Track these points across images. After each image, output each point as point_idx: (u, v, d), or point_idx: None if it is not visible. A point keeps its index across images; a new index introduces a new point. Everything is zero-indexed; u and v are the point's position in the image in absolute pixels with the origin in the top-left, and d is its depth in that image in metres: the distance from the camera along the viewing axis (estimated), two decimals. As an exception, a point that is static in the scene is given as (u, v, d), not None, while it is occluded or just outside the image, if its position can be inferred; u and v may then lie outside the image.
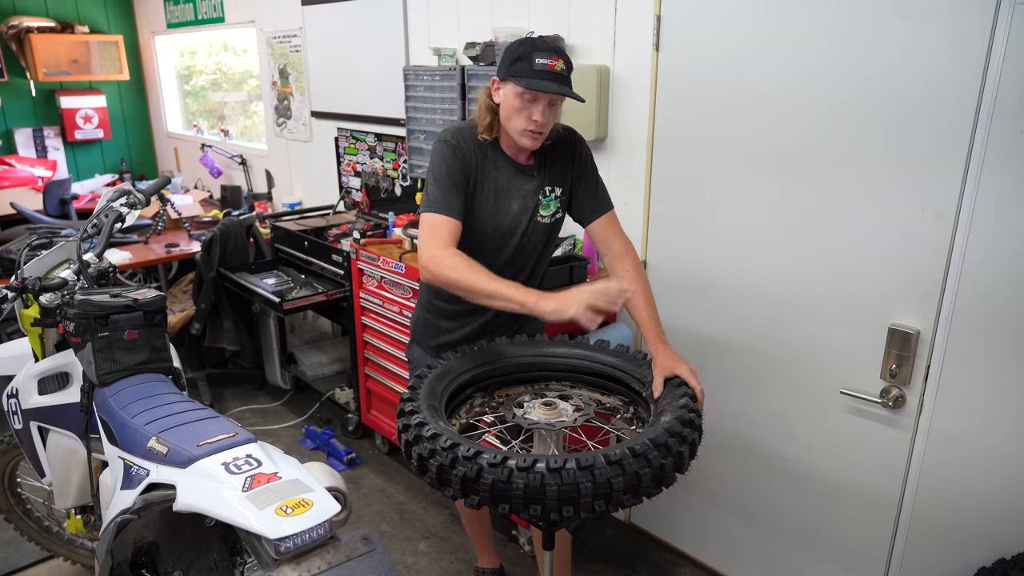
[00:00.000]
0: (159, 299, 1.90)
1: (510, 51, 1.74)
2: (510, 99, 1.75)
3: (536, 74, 1.67)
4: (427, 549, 2.74)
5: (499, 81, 1.77)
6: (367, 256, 3.01)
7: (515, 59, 1.71)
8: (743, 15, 2.08)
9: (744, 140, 2.16)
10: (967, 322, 1.81)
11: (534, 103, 1.72)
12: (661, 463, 1.32)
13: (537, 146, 1.82)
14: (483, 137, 1.86)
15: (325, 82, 3.91)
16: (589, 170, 1.95)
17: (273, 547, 1.26)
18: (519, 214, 1.90)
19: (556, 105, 1.77)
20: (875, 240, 1.93)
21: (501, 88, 1.77)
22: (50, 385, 1.99)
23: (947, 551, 1.96)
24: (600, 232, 1.92)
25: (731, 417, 2.39)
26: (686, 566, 2.66)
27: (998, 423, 1.81)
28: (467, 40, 2.95)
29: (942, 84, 1.74)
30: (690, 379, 1.57)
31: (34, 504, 2.52)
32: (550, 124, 1.78)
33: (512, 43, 1.76)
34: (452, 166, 1.81)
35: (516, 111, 1.74)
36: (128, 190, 2.19)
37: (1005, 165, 1.68)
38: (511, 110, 1.75)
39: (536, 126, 1.74)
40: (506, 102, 1.76)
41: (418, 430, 1.41)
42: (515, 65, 1.71)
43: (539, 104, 1.72)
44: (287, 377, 3.93)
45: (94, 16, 5.39)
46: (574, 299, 1.53)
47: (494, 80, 1.80)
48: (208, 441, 1.50)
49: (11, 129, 5.20)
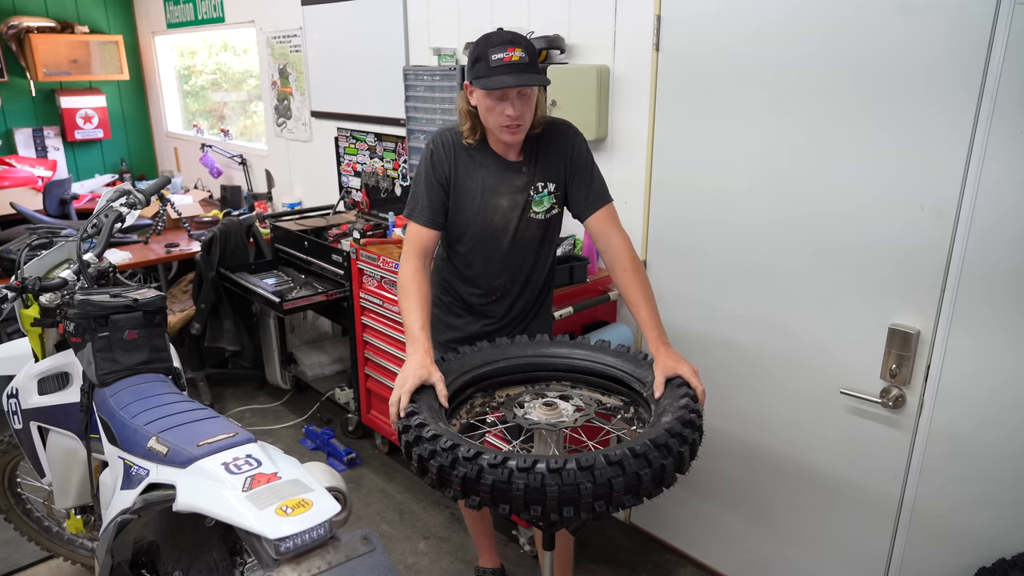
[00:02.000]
0: (159, 299, 1.90)
1: (471, 53, 1.76)
2: (481, 100, 1.77)
3: (493, 71, 1.68)
4: (427, 549, 2.74)
5: (470, 85, 1.79)
6: (367, 256, 3.01)
7: (474, 61, 1.73)
8: (743, 14, 2.08)
9: (744, 140, 2.16)
10: (967, 322, 1.81)
11: (503, 100, 1.73)
12: (662, 463, 1.32)
13: (519, 138, 1.82)
14: (468, 141, 1.87)
15: (325, 82, 3.91)
16: (583, 163, 1.92)
17: (273, 547, 1.26)
18: (509, 211, 1.90)
19: (528, 95, 1.76)
20: (875, 240, 1.93)
21: (473, 91, 1.79)
22: (50, 385, 1.99)
23: (947, 551, 1.96)
24: (597, 227, 1.89)
25: (731, 417, 2.39)
26: (686, 566, 2.66)
27: (998, 423, 1.81)
28: (467, 40, 2.95)
29: (942, 81, 1.74)
30: (692, 379, 1.57)
31: (34, 504, 2.52)
32: (526, 115, 1.78)
33: (472, 44, 1.77)
34: (428, 172, 1.89)
35: (489, 110, 1.76)
36: (128, 190, 2.19)
37: (1005, 164, 1.68)
38: (484, 110, 1.78)
39: (510, 120, 1.75)
40: (479, 104, 1.78)
41: (418, 431, 1.41)
42: (475, 67, 1.73)
43: (507, 99, 1.73)
44: (287, 377, 3.93)
45: (94, 16, 5.39)
46: (406, 375, 1.57)
47: (466, 84, 1.81)
48: (208, 441, 1.50)
49: (11, 129, 5.20)
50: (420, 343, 1.67)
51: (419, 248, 1.87)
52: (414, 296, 1.77)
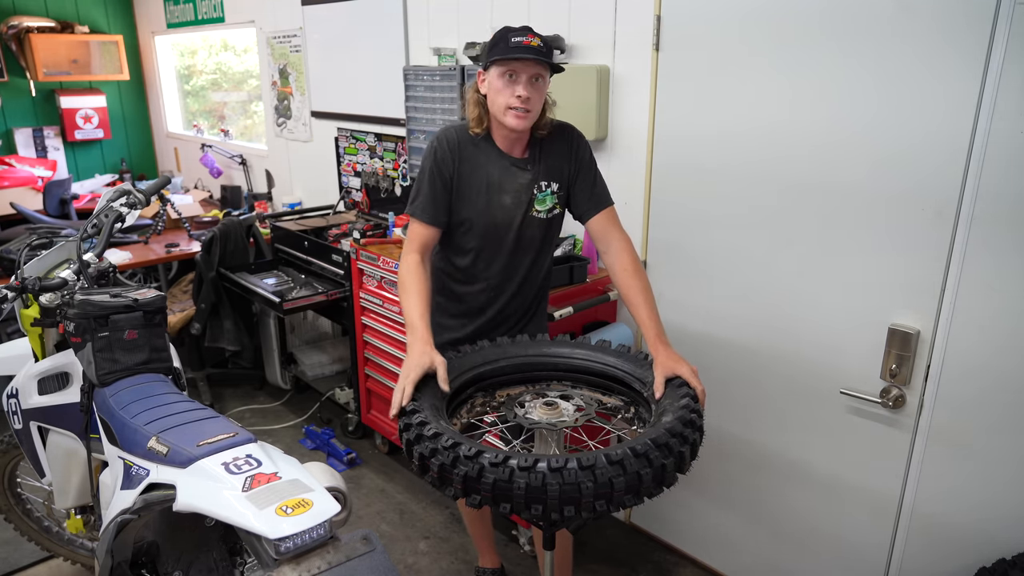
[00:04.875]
0: (159, 299, 1.90)
1: (490, 40, 1.81)
2: (494, 81, 1.79)
3: (513, 50, 1.73)
4: (427, 549, 2.74)
5: (483, 72, 1.83)
6: (367, 256, 3.01)
7: (493, 44, 1.78)
8: (743, 14, 2.08)
9: (744, 140, 2.16)
10: (967, 322, 1.81)
11: (515, 81, 1.76)
12: (662, 463, 1.32)
13: (525, 125, 1.82)
14: (475, 132, 1.88)
15: (325, 82, 3.91)
16: (587, 165, 1.94)
17: (273, 547, 1.26)
18: (512, 208, 1.91)
19: (539, 83, 1.79)
20: (875, 240, 1.93)
21: (485, 78, 1.82)
22: (50, 385, 1.99)
23: (947, 551, 1.96)
24: (599, 229, 1.92)
25: (731, 417, 2.39)
26: (686, 566, 2.66)
27: (998, 423, 1.81)
28: (467, 40, 2.95)
29: (943, 80, 1.74)
30: (691, 379, 1.57)
31: (34, 504, 2.52)
32: (536, 103, 1.80)
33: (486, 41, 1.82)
34: (432, 170, 1.90)
35: (499, 91, 1.79)
36: (128, 190, 2.19)
37: (1006, 164, 1.68)
38: (495, 92, 1.80)
39: (520, 102, 1.77)
40: (491, 87, 1.81)
41: (419, 429, 1.41)
42: (494, 49, 1.77)
43: (520, 80, 1.76)
44: (287, 377, 3.93)
45: (94, 16, 5.39)
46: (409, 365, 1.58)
47: (479, 72, 1.85)
48: (208, 441, 1.50)
49: (11, 129, 5.20)
50: (419, 332, 1.68)
51: (419, 244, 1.90)
52: (414, 287, 1.79)
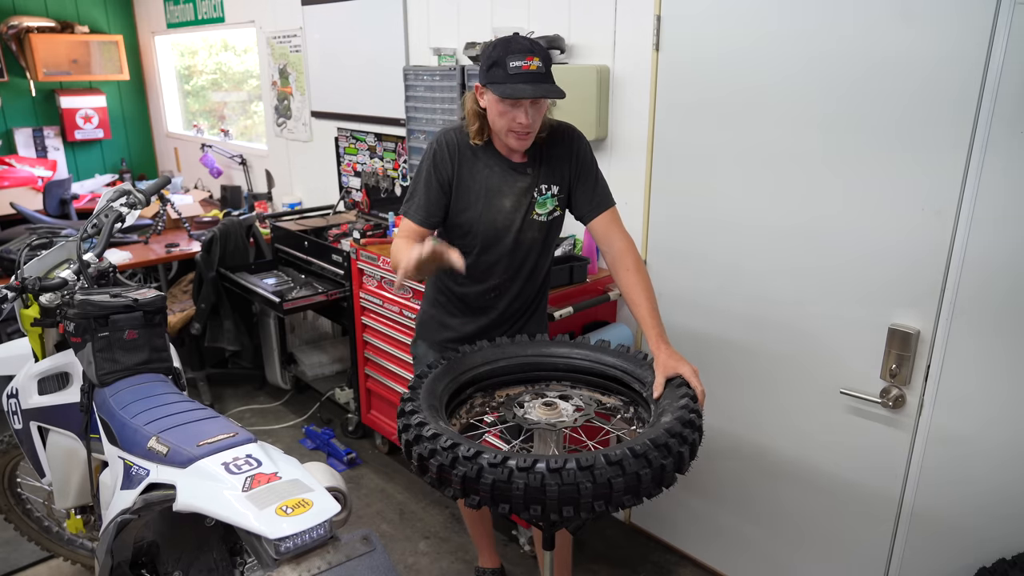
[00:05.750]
0: (159, 299, 1.90)
1: (485, 55, 1.75)
2: (493, 104, 1.76)
3: (511, 78, 1.68)
4: (427, 549, 2.74)
5: (481, 87, 1.79)
6: (367, 256, 3.01)
7: (491, 65, 1.72)
8: (743, 14, 2.08)
9: (744, 140, 2.16)
10: (967, 322, 1.81)
11: (516, 107, 1.73)
12: (661, 463, 1.32)
13: (526, 146, 1.83)
14: (475, 142, 1.87)
15: (325, 82, 3.91)
16: (588, 167, 1.93)
17: (273, 547, 1.26)
18: (512, 212, 1.91)
19: (540, 104, 1.77)
20: (875, 239, 1.93)
21: (484, 93, 1.79)
22: (50, 385, 1.99)
23: (947, 551, 1.96)
24: (601, 230, 1.91)
25: (731, 417, 2.39)
26: (686, 566, 2.66)
27: (998, 423, 1.81)
28: (467, 40, 2.95)
29: (943, 81, 1.74)
30: (691, 379, 1.57)
31: (34, 504, 2.52)
32: (536, 123, 1.79)
33: (487, 45, 1.76)
34: (429, 171, 1.89)
35: (500, 115, 1.76)
36: (128, 190, 2.19)
37: (1006, 164, 1.68)
38: (495, 115, 1.78)
39: (521, 127, 1.76)
40: (490, 107, 1.78)
41: (418, 430, 1.41)
42: (491, 72, 1.72)
43: (521, 107, 1.73)
44: (287, 377, 3.93)
45: (94, 16, 5.39)
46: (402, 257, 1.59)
47: (476, 86, 1.81)
48: (208, 441, 1.50)
49: (11, 129, 5.20)
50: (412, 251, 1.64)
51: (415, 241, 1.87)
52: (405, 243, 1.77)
